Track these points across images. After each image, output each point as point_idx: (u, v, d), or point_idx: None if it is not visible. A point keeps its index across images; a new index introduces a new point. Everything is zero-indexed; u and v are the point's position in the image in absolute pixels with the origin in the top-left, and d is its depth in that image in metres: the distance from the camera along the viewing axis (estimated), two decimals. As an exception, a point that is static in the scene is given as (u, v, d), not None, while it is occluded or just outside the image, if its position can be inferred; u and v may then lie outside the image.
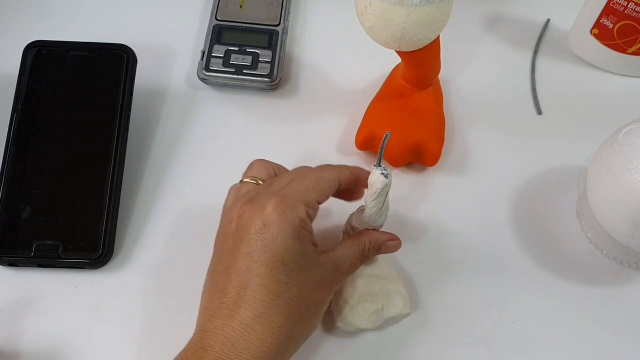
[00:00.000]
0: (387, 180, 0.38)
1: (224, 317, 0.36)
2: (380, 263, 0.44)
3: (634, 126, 0.42)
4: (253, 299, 0.36)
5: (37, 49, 0.49)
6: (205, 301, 0.38)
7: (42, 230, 0.44)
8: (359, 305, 0.41)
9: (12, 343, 0.42)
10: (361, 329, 0.42)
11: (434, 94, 0.51)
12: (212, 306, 0.37)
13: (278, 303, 0.36)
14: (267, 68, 0.52)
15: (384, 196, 0.40)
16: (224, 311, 0.36)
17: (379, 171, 0.38)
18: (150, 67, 0.53)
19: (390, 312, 0.42)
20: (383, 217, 0.42)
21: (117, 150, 0.46)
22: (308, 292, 0.37)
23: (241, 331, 0.35)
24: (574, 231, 0.48)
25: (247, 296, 0.36)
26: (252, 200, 0.39)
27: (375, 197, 0.39)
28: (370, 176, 0.39)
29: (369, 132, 0.49)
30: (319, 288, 0.38)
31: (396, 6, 0.39)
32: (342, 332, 0.43)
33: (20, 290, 0.44)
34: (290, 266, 0.37)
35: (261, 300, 0.36)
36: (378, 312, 0.41)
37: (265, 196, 0.39)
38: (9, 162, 0.46)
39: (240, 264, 0.37)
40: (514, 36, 0.58)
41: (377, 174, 0.38)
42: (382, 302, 0.42)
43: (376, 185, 0.39)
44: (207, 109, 0.53)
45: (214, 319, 0.36)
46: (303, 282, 0.37)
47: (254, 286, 0.36)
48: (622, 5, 0.51)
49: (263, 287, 0.36)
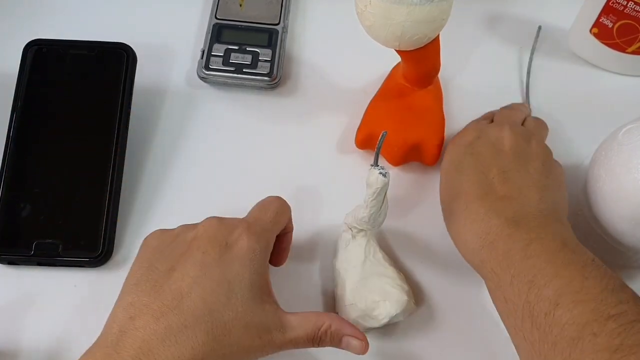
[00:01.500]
0: (386, 179, 0.39)
1: (149, 318, 0.34)
2: (383, 261, 0.44)
3: (633, 125, 0.42)
4: (187, 308, 0.34)
5: (37, 48, 0.49)
6: (131, 298, 0.36)
7: (42, 228, 0.44)
8: (364, 304, 0.41)
9: (12, 342, 0.42)
10: (366, 328, 0.42)
11: (434, 93, 0.51)
12: (139, 304, 0.35)
13: (208, 320, 0.34)
14: (267, 67, 0.52)
15: (383, 195, 0.40)
16: (151, 313, 0.34)
17: (377, 171, 0.38)
18: (150, 66, 0.52)
19: (395, 308, 0.41)
20: (383, 215, 0.42)
21: (117, 148, 0.46)
22: (238, 326, 0.35)
23: (163, 337, 0.33)
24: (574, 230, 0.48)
25: (183, 303, 0.34)
26: (220, 219, 0.39)
27: (374, 196, 0.39)
28: (368, 176, 0.39)
29: (368, 130, 0.49)
30: (250, 331, 0.35)
31: (396, 5, 0.39)
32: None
33: (20, 289, 0.44)
34: (234, 291, 0.35)
35: (194, 313, 0.34)
36: (383, 310, 0.41)
37: (235, 220, 0.39)
38: (9, 160, 0.46)
39: (188, 269, 0.36)
40: (513, 35, 0.58)
41: (376, 174, 0.38)
42: (387, 300, 0.41)
43: (375, 185, 0.39)
44: (207, 107, 0.53)
45: (138, 319, 0.34)
46: (239, 314, 0.35)
47: (193, 296, 0.35)
48: (622, 5, 0.51)
49: (201, 300, 0.35)
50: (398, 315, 0.42)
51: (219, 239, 0.37)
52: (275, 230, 0.41)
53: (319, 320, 0.38)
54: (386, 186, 0.39)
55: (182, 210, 0.48)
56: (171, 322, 0.34)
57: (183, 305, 0.34)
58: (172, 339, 0.33)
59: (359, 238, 0.44)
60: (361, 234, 0.44)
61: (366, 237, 0.44)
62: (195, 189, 0.49)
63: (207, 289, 0.35)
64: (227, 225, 0.38)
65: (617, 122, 0.43)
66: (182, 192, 0.49)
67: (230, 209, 0.44)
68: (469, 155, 0.44)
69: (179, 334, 0.33)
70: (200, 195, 0.48)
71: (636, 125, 0.42)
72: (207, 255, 0.36)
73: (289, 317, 0.37)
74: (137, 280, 0.37)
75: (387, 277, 0.43)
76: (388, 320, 0.41)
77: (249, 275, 0.36)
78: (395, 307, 0.41)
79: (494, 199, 0.41)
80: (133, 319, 0.34)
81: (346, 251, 0.44)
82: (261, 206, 0.41)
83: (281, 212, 0.41)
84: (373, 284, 0.42)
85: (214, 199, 0.48)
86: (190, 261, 0.36)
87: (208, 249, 0.37)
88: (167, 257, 0.37)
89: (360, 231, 0.43)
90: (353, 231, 0.44)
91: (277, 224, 0.41)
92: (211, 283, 0.35)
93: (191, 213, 0.47)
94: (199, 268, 0.36)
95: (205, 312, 0.34)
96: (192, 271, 0.36)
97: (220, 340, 0.34)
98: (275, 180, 0.49)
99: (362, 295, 0.42)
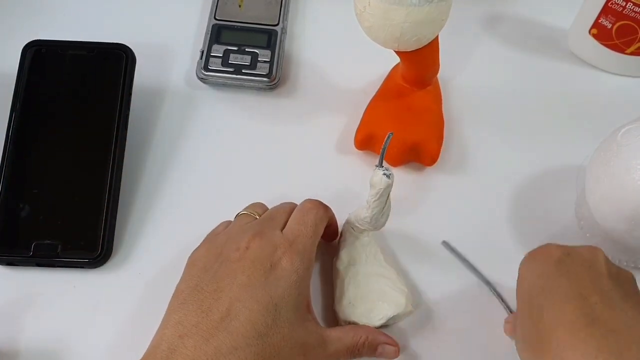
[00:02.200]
0: (390, 180, 0.39)
1: (198, 338, 0.34)
2: (383, 262, 0.44)
3: (632, 126, 0.42)
4: (236, 330, 0.35)
5: (36, 49, 0.49)
6: (179, 316, 0.36)
7: (41, 229, 0.44)
8: (362, 304, 0.42)
9: (11, 343, 0.42)
10: None
11: (433, 94, 0.51)
12: (188, 324, 0.35)
13: (257, 343, 0.35)
14: (266, 68, 0.52)
15: (386, 196, 0.40)
16: (201, 333, 0.35)
17: (381, 172, 0.39)
18: (149, 67, 0.52)
19: (392, 310, 0.42)
20: (385, 217, 0.42)
21: (116, 149, 0.46)
22: (285, 347, 0.36)
23: (213, 358, 0.34)
24: (573, 231, 0.48)
25: (231, 325, 0.35)
26: (261, 235, 0.39)
27: (377, 197, 0.40)
28: (372, 177, 0.39)
29: (368, 131, 0.49)
30: (296, 351, 0.37)
31: (395, 6, 0.39)
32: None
33: (19, 290, 0.44)
34: (280, 313, 0.36)
35: (244, 334, 0.35)
36: (380, 311, 0.41)
37: (276, 237, 0.39)
38: (7, 161, 0.46)
39: (235, 292, 0.36)
40: (512, 36, 0.58)
41: (380, 175, 0.39)
42: (385, 301, 0.42)
43: (379, 185, 0.39)
44: (206, 108, 0.53)
45: (187, 338, 0.35)
46: (286, 335, 0.36)
47: (242, 318, 0.35)
48: (621, 6, 0.51)
49: (249, 323, 0.35)
50: (395, 317, 0.42)
51: (263, 260, 0.38)
52: (316, 242, 0.41)
53: (357, 334, 0.39)
54: (389, 188, 0.39)
55: (182, 210, 0.48)
56: (220, 344, 0.34)
57: (231, 327, 0.35)
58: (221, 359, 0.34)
59: (361, 238, 0.44)
60: (363, 234, 0.44)
61: (368, 237, 0.44)
62: (195, 190, 0.49)
63: (254, 311, 0.35)
64: (270, 243, 0.39)
65: (616, 122, 0.43)
66: (182, 192, 0.49)
67: (230, 209, 0.45)
68: (560, 277, 0.36)
69: (228, 356, 0.34)
70: (199, 195, 0.48)
71: (635, 126, 0.42)
72: (252, 278, 0.37)
73: (329, 333, 0.39)
74: (184, 299, 0.37)
75: (386, 279, 0.43)
76: (385, 322, 0.42)
77: (294, 297, 0.37)
78: (393, 309, 0.41)
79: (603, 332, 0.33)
80: (182, 338, 0.35)
81: (347, 251, 0.44)
82: (300, 218, 0.41)
83: (320, 222, 0.41)
84: (372, 285, 0.42)
85: (213, 200, 0.48)
86: (236, 284, 0.37)
87: (253, 272, 0.37)
88: (213, 278, 0.37)
89: (362, 231, 0.44)
90: (355, 231, 0.44)
91: (318, 236, 0.41)
92: (258, 306, 0.36)
93: (190, 213, 0.48)
94: (245, 290, 0.36)
95: (253, 334, 0.35)
96: (238, 293, 0.36)
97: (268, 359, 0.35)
98: (274, 180, 0.49)
99: (361, 295, 0.42)
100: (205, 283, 0.37)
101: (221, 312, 0.35)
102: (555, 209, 0.49)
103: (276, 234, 0.40)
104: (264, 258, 0.38)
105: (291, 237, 0.40)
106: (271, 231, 0.40)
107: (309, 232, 0.40)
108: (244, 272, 0.37)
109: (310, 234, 0.40)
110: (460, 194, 0.50)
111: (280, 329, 0.36)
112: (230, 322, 0.35)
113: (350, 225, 0.44)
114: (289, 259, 0.38)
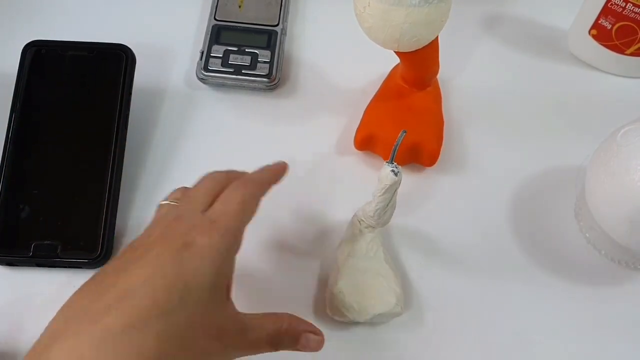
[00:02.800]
0: (397, 178, 0.39)
1: (83, 321, 0.30)
2: (383, 261, 0.44)
3: (632, 127, 0.42)
4: (131, 307, 0.30)
5: (36, 49, 0.49)
6: (70, 300, 0.32)
7: (40, 230, 0.44)
8: (352, 296, 0.42)
9: (11, 343, 0.42)
10: (350, 320, 0.42)
11: (433, 94, 0.51)
12: (76, 306, 0.32)
13: (158, 322, 0.30)
14: (266, 68, 0.52)
15: (392, 193, 0.40)
16: (89, 315, 0.30)
17: (389, 168, 0.39)
18: (149, 67, 0.52)
19: (380, 308, 0.42)
20: (388, 214, 0.42)
21: (116, 149, 0.46)
22: (195, 328, 0.31)
23: (99, 341, 0.29)
24: (573, 231, 0.48)
25: (127, 304, 0.30)
26: (179, 218, 0.35)
27: (383, 192, 0.40)
28: (380, 171, 0.39)
29: (367, 132, 0.49)
30: (209, 334, 0.32)
31: (395, 7, 0.39)
32: (333, 322, 0.43)
33: (19, 290, 0.44)
34: (191, 292, 0.32)
35: (139, 312, 0.30)
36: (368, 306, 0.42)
37: (196, 218, 0.35)
38: (7, 161, 0.46)
39: (138, 271, 0.32)
40: (512, 36, 0.58)
41: (387, 170, 0.39)
42: (374, 297, 0.42)
43: (385, 181, 0.39)
44: (206, 109, 0.53)
45: (71, 323, 0.30)
46: (195, 315, 0.32)
47: (141, 295, 0.30)
48: (621, 6, 0.51)
49: (151, 300, 0.30)
50: (382, 316, 0.42)
51: (176, 238, 0.34)
52: (245, 221, 0.36)
53: (278, 319, 0.36)
54: (396, 185, 0.39)
55: (181, 211, 0.48)
56: (111, 323, 0.30)
57: (126, 306, 0.30)
58: (109, 342, 0.29)
59: (365, 233, 0.44)
60: (369, 229, 0.44)
61: (373, 233, 0.44)
62: (194, 190, 0.49)
63: (158, 289, 0.31)
64: (187, 224, 0.35)
65: (616, 123, 0.43)
66: (181, 193, 0.49)
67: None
68: None
69: (120, 335, 0.29)
70: (199, 196, 0.48)
71: (635, 126, 0.42)
72: (160, 256, 0.33)
73: (249, 319, 0.35)
74: (81, 287, 0.33)
75: (382, 277, 0.43)
76: (370, 318, 0.42)
77: (210, 276, 0.33)
78: (380, 308, 0.42)
79: None
80: (67, 322, 0.31)
81: (350, 242, 0.44)
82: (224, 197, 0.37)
83: (250, 199, 0.37)
84: (366, 280, 0.42)
85: (213, 200, 0.48)
86: (142, 263, 0.33)
87: (162, 250, 0.33)
88: (118, 262, 0.34)
89: (368, 226, 0.44)
90: (361, 225, 0.44)
91: (245, 214, 0.37)
92: (163, 282, 0.31)
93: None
94: (150, 268, 0.32)
95: (155, 312, 0.30)
96: (142, 271, 0.32)
97: (174, 343, 0.31)
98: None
99: (353, 286, 0.42)
100: (109, 268, 0.34)
101: (118, 292, 0.31)
102: (555, 210, 0.49)
103: (196, 216, 0.36)
104: (178, 236, 0.34)
105: (213, 216, 0.35)
106: (190, 214, 0.36)
107: (235, 211, 0.36)
108: (153, 250, 0.33)
109: (235, 213, 0.36)
110: (460, 194, 0.50)
111: (189, 307, 0.31)
112: (127, 301, 0.30)
113: (357, 218, 0.44)
114: (207, 237, 0.34)
